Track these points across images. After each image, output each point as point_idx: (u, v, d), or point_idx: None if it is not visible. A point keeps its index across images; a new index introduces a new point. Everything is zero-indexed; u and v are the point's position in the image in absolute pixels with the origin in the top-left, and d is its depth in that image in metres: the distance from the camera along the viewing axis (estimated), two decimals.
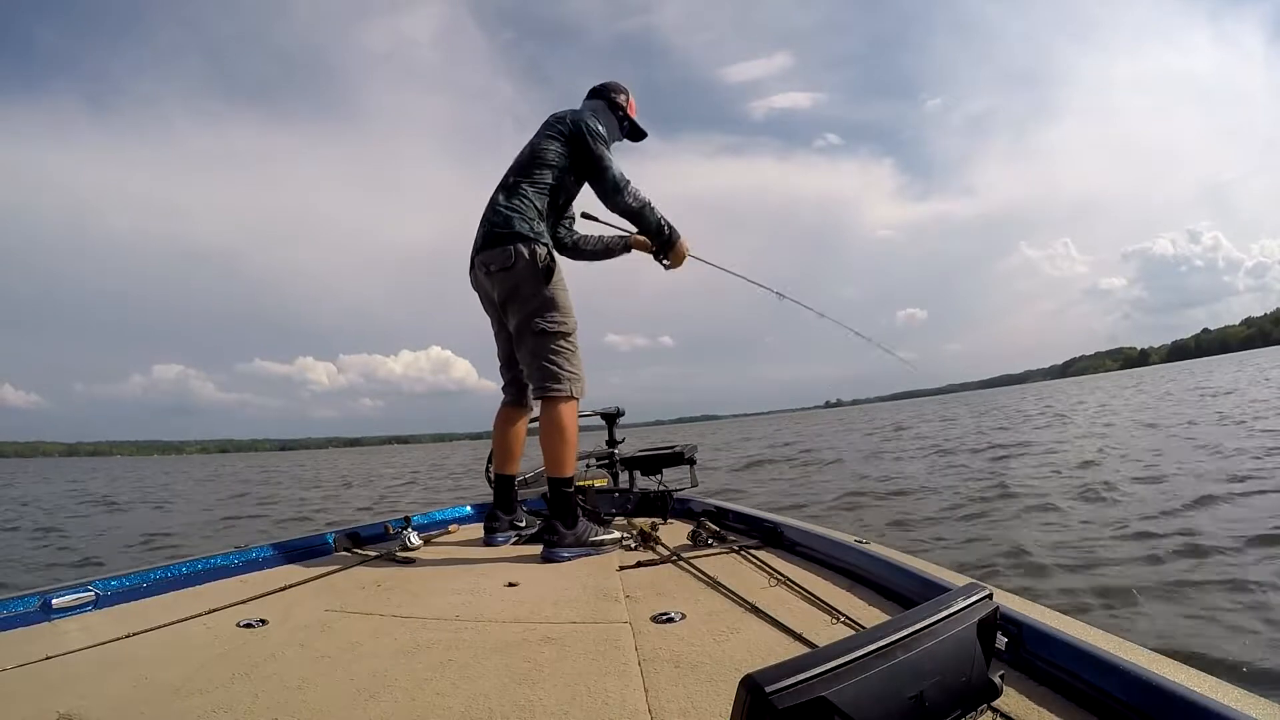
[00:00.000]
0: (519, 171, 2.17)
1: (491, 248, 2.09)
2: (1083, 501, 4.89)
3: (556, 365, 2.07)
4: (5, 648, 1.25)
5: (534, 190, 2.12)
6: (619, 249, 2.52)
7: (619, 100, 2.32)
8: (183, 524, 8.30)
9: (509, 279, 2.08)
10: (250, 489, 14.74)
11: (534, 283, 2.07)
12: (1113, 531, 3.89)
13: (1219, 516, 3.97)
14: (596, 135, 2.14)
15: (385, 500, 10.31)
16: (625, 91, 2.34)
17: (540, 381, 2.09)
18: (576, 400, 2.11)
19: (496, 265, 2.08)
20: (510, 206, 2.10)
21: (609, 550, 1.98)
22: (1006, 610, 0.92)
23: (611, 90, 2.33)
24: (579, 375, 2.11)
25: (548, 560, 1.92)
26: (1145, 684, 0.75)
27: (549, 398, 2.07)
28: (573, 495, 2.04)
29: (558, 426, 2.05)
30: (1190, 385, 22.28)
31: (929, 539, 4.29)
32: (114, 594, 1.58)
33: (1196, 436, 7.97)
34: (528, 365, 2.14)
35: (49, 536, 7.35)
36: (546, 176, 2.13)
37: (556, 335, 2.08)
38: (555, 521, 1.98)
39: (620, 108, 2.31)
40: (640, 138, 2.39)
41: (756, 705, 0.52)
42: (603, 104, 2.31)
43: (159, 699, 1.03)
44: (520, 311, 2.10)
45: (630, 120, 2.34)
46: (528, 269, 2.06)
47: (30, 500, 13.31)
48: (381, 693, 1.01)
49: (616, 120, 2.31)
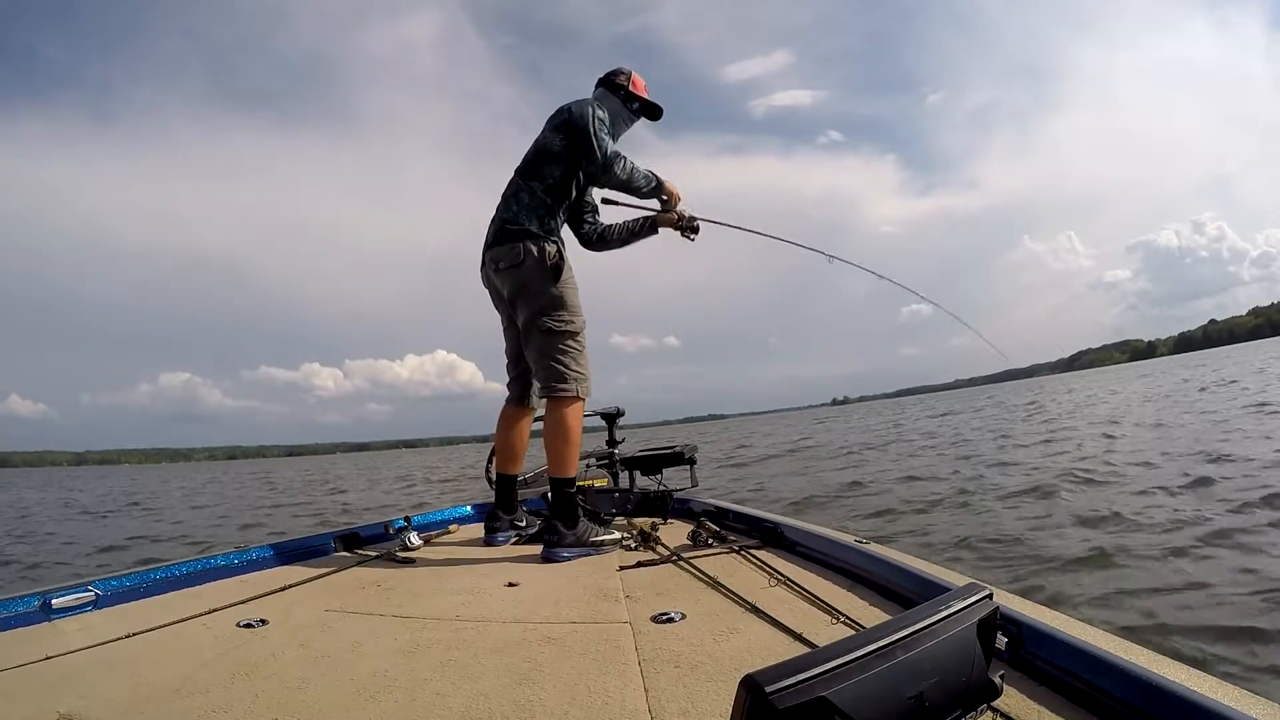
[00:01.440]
0: (526, 168, 2.16)
1: (501, 244, 2.09)
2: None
3: (563, 365, 2.05)
4: (5, 648, 1.25)
5: (542, 186, 2.11)
6: (646, 230, 2.43)
7: (619, 81, 2.28)
8: (157, 531, 8.22)
9: (517, 276, 2.08)
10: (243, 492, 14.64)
11: (542, 280, 2.06)
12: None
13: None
14: (590, 118, 2.09)
15: (410, 498, 10.37)
16: (626, 72, 2.30)
17: (546, 381, 2.07)
18: (582, 401, 2.09)
19: (505, 262, 2.08)
20: (519, 203, 2.10)
21: (609, 550, 1.98)
22: (1006, 610, 0.92)
23: (612, 74, 2.31)
24: (586, 375, 2.09)
25: (548, 560, 1.92)
26: (1145, 684, 0.75)
27: (555, 397, 2.06)
28: (574, 496, 2.03)
29: (562, 427, 2.04)
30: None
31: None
32: (114, 594, 1.58)
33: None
34: (534, 364, 2.12)
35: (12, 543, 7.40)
36: (555, 171, 2.12)
37: (564, 334, 2.07)
38: (556, 521, 1.98)
39: (621, 88, 2.27)
40: (657, 116, 2.34)
41: (756, 705, 0.52)
42: (603, 90, 2.29)
43: (159, 699, 1.03)
44: (528, 309, 2.09)
45: (639, 99, 2.29)
46: (536, 266, 2.05)
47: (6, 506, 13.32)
48: (381, 693, 1.01)
49: (620, 101, 2.26)
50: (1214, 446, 6.36)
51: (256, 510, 10.44)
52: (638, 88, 2.29)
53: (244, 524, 8.48)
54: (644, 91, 2.31)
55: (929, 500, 5.48)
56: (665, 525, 2.25)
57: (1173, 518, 3.97)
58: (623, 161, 2.12)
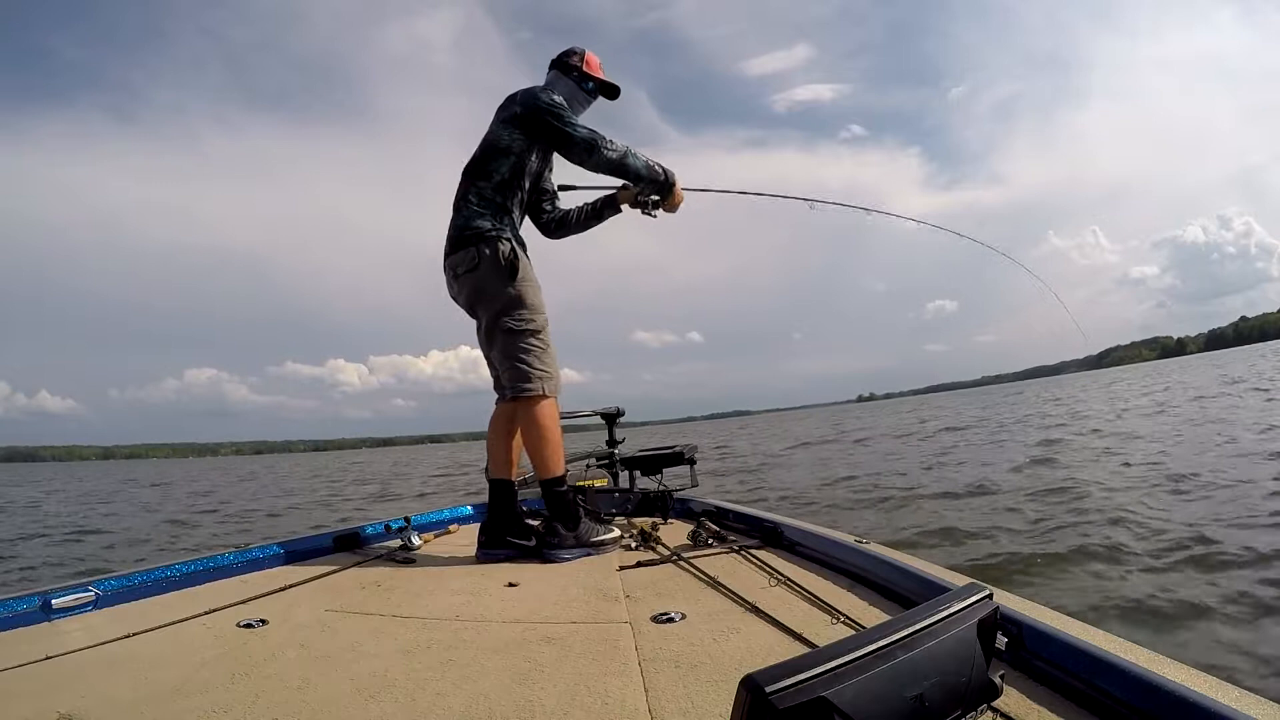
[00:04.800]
0: (474, 168, 2.10)
1: (456, 251, 2.05)
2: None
3: (526, 364, 2.01)
4: (5, 648, 1.25)
5: (490, 186, 2.05)
6: (610, 210, 2.33)
7: (572, 62, 2.19)
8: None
9: (473, 280, 2.04)
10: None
11: (498, 281, 2.01)
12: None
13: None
14: (551, 106, 2.02)
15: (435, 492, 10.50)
16: (579, 52, 2.21)
17: (512, 381, 2.03)
18: (551, 398, 2.04)
19: (463, 268, 2.04)
20: (468, 206, 2.05)
21: (610, 550, 1.97)
22: (1006, 610, 0.92)
23: (564, 55, 2.22)
24: (551, 373, 2.04)
25: (548, 561, 1.91)
26: (1145, 684, 0.75)
27: (522, 398, 2.01)
28: (567, 494, 1.99)
29: (536, 426, 2.00)
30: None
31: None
32: (114, 594, 1.58)
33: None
34: (500, 366, 2.09)
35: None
36: (503, 166, 2.06)
37: (525, 333, 2.02)
38: (555, 524, 1.96)
39: (574, 69, 2.18)
40: (614, 94, 2.25)
41: (757, 705, 0.53)
42: (555, 72, 2.21)
43: (159, 699, 1.03)
44: (488, 311, 2.06)
45: (592, 78, 2.20)
46: (490, 268, 2.01)
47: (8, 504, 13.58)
48: (382, 693, 1.01)
49: (574, 83, 2.18)
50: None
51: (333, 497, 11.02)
52: (591, 67, 2.20)
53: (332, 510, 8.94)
54: (599, 71, 2.21)
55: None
56: (665, 525, 2.25)
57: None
58: (606, 140, 2.02)
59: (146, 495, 15.23)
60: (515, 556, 1.98)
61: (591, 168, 2.07)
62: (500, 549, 2.01)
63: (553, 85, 2.17)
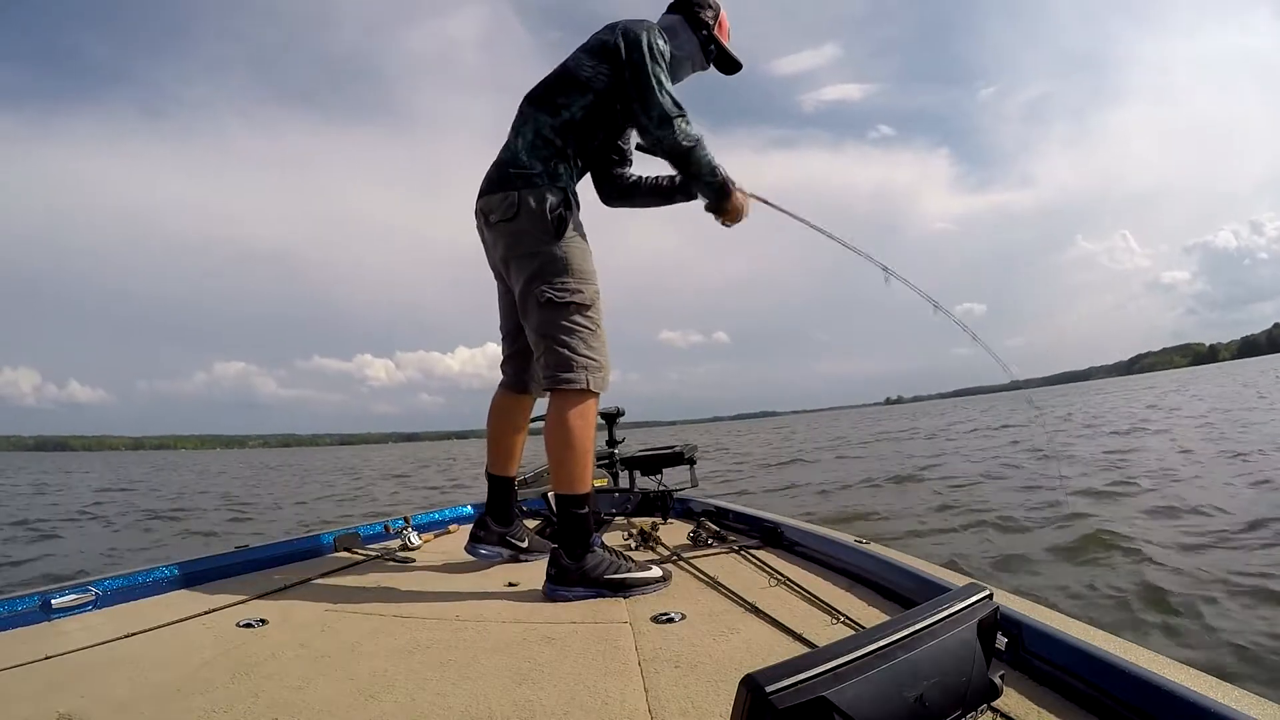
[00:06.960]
0: (539, 97, 1.70)
1: (493, 192, 1.64)
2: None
3: (568, 349, 1.57)
4: (5, 648, 1.25)
5: (555, 123, 1.64)
6: (682, 195, 1.93)
7: (704, 17, 1.78)
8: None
9: (510, 231, 1.63)
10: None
11: (539, 238, 1.59)
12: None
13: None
14: (653, 51, 1.62)
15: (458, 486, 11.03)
16: (715, 6, 1.81)
17: (548, 369, 1.60)
18: (595, 396, 1.61)
19: (497, 215, 1.63)
20: (523, 140, 1.65)
21: (637, 593, 1.49)
22: (1006, 610, 0.92)
23: (695, 3, 1.79)
24: (600, 362, 1.61)
25: (550, 599, 1.51)
26: (1145, 684, 0.75)
27: (558, 391, 1.59)
28: (586, 518, 1.56)
29: (566, 430, 1.56)
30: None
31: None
32: (114, 594, 1.58)
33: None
34: (534, 346, 1.66)
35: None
36: (575, 103, 1.64)
37: (568, 307, 1.59)
38: (559, 550, 1.54)
39: (705, 25, 1.78)
40: (733, 70, 1.87)
41: (756, 705, 0.53)
42: (680, 19, 1.79)
43: (159, 699, 1.03)
44: (523, 273, 1.62)
45: (718, 44, 1.81)
46: (532, 220, 1.59)
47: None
48: (381, 693, 1.01)
49: (699, 41, 1.78)
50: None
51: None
52: (723, 31, 1.82)
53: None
54: (727, 37, 1.83)
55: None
56: (665, 525, 2.25)
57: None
58: (687, 119, 1.62)
59: (225, 486, 15.21)
60: (512, 557, 1.92)
61: (651, 142, 1.69)
62: (493, 546, 1.88)
63: (672, 32, 1.76)
